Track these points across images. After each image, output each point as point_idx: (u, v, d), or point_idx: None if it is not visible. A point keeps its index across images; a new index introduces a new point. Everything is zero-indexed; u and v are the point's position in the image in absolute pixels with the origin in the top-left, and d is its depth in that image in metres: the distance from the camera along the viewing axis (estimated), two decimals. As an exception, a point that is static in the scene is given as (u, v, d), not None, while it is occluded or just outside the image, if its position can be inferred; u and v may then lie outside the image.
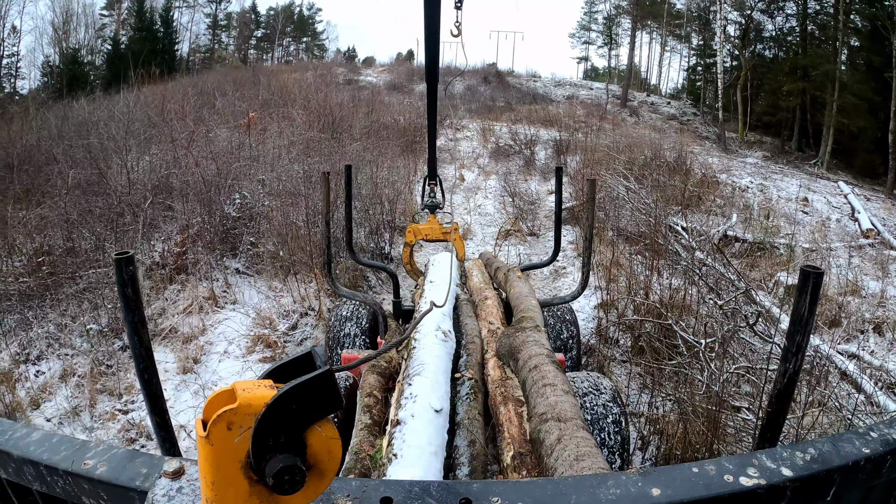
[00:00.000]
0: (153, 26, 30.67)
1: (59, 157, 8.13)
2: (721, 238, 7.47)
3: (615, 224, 7.59)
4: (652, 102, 26.90)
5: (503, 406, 2.03)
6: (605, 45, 36.62)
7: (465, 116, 18.26)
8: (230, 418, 0.70)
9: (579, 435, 1.57)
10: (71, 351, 4.69)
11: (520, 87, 26.74)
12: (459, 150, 13.92)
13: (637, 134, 14.94)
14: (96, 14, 30.35)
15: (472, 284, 3.58)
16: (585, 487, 0.88)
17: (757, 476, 0.88)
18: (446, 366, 2.22)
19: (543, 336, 2.39)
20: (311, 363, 0.81)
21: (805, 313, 1.55)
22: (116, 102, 11.88)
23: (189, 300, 5.41)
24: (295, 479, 0.70)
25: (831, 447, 0.96)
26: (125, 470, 0.93)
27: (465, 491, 0.87)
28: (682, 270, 5.52)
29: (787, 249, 7.26)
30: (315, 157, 8.66)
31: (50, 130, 9.76)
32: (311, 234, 6.08)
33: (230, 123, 11.13)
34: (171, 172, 7.63)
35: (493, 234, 8.25)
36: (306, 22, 41.22)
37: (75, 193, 6.89)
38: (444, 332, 2.45)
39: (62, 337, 4.83)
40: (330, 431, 0.75)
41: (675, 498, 0.85)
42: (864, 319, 5.50)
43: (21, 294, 5.23)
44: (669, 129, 20.37)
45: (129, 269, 1.64)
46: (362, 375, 2.39)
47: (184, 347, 4.83)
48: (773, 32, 23.65)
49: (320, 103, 12.96)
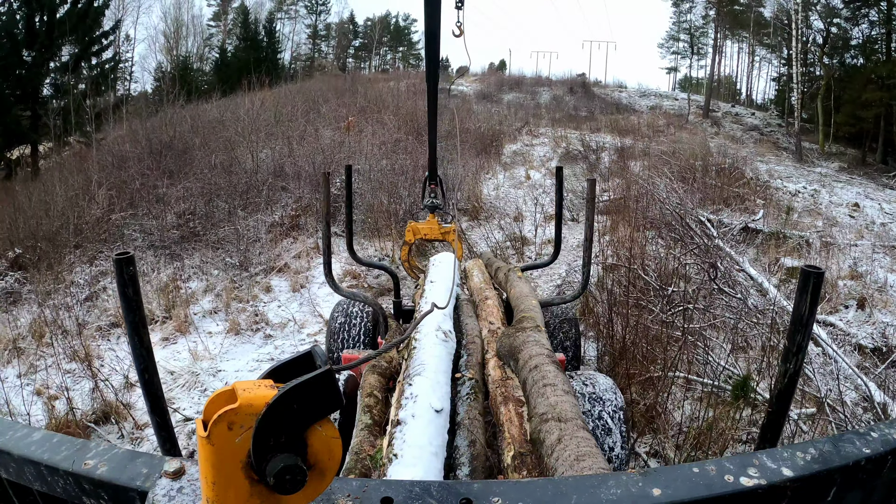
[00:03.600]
0: (257, 36, 32.54)
1: (197, 146, 10.78)
2: (742, 230, 8.12)
3: (644, 213, 8.19)
4: (736, 113, 26.48)
5: (503, 406, 2.03)
6: (688, 55, 35.16)
7: (547, 125, 18.88)
8: (231, 418, 0.70)
9: (580, 435, 1.57)
10: (210, 277, 6.87)
11: (604, 98, 26.92)
12: (533, 154, 14.89)
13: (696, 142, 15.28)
14: (204, 24, 33.17)
15: (473, 284, 3.58)
16: (586, 487, 0.88)
17: (757, 476, 0.88)
18: (447, 366, 2.22)
19: (544, 336, 2.39)
20: (311, 363, 0.81)
21: (805, 313, 1.55)
22: (240, 105, 14.98)
23: (300, 249, 7.63)
24: (296, 479, 0.70)
25: (832, 447, 0.96)
26: (125, 470, 0.93)
27: (466, 491, 0.87)
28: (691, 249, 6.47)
29: (801, 241, 7.91)
30: (401, 155, 10.75)
31: (185, 126, 12.17)
32: (390, 207, 8.28)
33: (332, 125, 13.56)
34: (285, 161, 10.04)
35: (539, 218, 9.38)
36: (402, 32, 42.93)
37: (214, 173, 9.50)
38: (444, 332, 2.44)
39: (203, 267, 7.09)
40: (330, 431, 0.75)
41: (675, 498, 0.85)
42: (847, 295, 6.14)
43: (172, 241, 7.69)
44: (749, 140, 20.42)
45: (129, 270, 1.63)
46: (363, 376, 2.39)
47: (294, 277, 6.91)
48: (858, 41, 22.75)
49: (409, 110, 15.01)
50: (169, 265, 7.08)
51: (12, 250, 7.27)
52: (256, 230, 8.01)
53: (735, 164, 11.75)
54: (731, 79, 34.98)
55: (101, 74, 19.15)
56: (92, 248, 7.47)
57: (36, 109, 16.79)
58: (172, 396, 4.36)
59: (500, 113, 19.63)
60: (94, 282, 6.71)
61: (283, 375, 0.79)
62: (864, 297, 5.98)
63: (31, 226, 7.72)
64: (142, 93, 27.14)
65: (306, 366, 0.81)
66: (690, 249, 6.52)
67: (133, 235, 7.92)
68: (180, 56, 30.29)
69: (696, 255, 6.36)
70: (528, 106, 23.03)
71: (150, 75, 29.57)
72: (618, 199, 9.19)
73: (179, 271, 6.92)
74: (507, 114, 19.88)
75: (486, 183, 11.15)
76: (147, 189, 8.99)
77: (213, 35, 33.66)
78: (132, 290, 1.64)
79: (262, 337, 5.53)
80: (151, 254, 7.37)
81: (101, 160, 10.67)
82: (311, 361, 0.81)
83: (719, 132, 21.54)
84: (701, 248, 6.57)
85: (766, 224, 8.51)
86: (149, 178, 9.38)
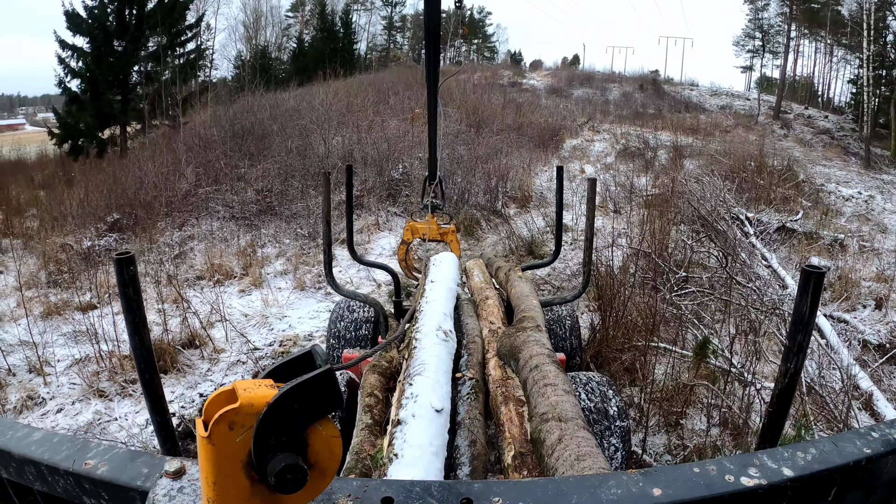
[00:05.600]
0: (334, 27, 33.60)
1: (275, 132, 12.04)
2: (778, 229, 8.32)
3: (681, 208, 8.46)
4: (809, 115, 25.96)
5: (504, 406, 2.03)
6: (759, 54, 34.10)
7: (613, 121, 18.98)
8: (232, 418, 0.70)
9: (580, 435, 1.57)
10: (282, 245, 7.98)
11: (674, 96, 26.83)
12: (591, 149, 15.25)
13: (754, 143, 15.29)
14: (282, 15, 34.02)
15: (473, 284, 3.58)
16: (586, 487, 0.88)
17: (758, 476, 0.88)
18: (447, 366, 2.22)
19: (544, 336, 2.39)
20: (311, 362, 0.81)
21: (806, 313, 1.54)
22: (315, 95, 16.36)
23: (361, 224, 8.58)
24: (297, 478, 0.71)
25: (832, 447, 0.96)
26: (126, 470, 0.93)
27: (466, 491, 0.87)
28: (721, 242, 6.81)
29: (834, 242, 8.08)
30: (461, 146, 11.60)
31: (265, 113, 13.48)
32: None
33: (399, 116, 14.45)
34: (354, 147, 11.13)
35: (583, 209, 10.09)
36: (476, 25, 43.29)
37: (290, 156, 10.65)
38: (444, 331, 2.44)
39: (277, 236, 8.21)
40: (330, 430, 0.75)
41: (676, 498, 0.85)
42: (868, 295, 6.16)
43: (251, 213, 8.88)
44: (817, 143, 20.17)
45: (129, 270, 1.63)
46: (363, 375, 2.39)
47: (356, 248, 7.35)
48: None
49: (473, 104, 16.16)
50: (247, 233, 8.30)
51: (111, 215, 8.69)
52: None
53: (788, 166, 11.86)
54: (809, 80, 33.75)
55: (186, 63, 20.77)
56: (180, 217, 8.78)
57: (126, 94, 18.69)
58: (245, 331, 5.40)
59: (567, 108, 20.10)
60: (182, 243, 7.98)
61: (283, 375, 0.79)
62: (881, 298, 6.02)
63: (129, 195, 9.15)
64: (221, 79, 28.97)
65: (306, 365, 0.81)
66: (713, 241, 6.84)
67: (216, 208, 9.12)
68: (259, 45, 31.33)
69: (717, 246, 6.65)
70: (596, 102, 23.17)
71: (229, 63, 31.10)
72: (660, 194, 9.48)
73: (256, 238, 8.10)
74: (574, 109, 20.17)
75: (541, 175, 11.61)
76: (230, 168, 10.33)
77: (291, 25, 34.52)
78: (132, 289, 1.64)
79: (323, 294, 6.41)
80: (233, 224, 8.64)
81: (188, 141, 12.15)
82: (311, 361, 0.81)
83: (788, 134, 21.20)
84: (727, 241, 6.77)
85: (802, 224, 8.60)
86: (231, 158, 10.72)
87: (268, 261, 7.44)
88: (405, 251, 4.55)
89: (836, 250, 7.76)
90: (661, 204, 8.61)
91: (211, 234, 8.27)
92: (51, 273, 6.93)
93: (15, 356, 4.86)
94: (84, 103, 18.11)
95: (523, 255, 7.41)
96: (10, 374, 4.60)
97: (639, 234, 7.25)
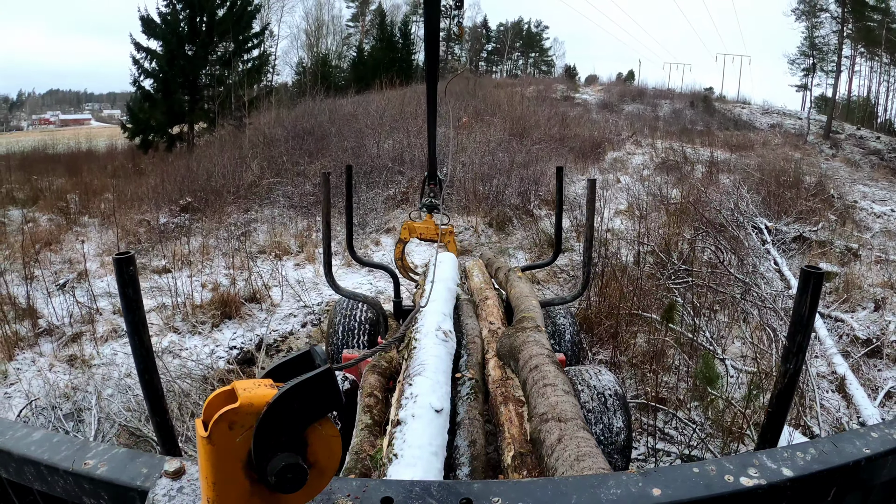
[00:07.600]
0: (393, 37, 34.62)
1: (333, 134, 13.49)
2: (795, 238, 8.53)
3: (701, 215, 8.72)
4: (861, 136, 25.56)
5: (504, 406, 2.03)
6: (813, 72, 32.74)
7: (661, 136, 19.21)
8: (232, 418, 0.70)
9: (580, 435, 1.57)
10: (334, 231, 8.00)
11: (725, 113, 26.79)
12: (631, 161, 15.66)
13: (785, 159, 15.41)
14: (343, 24, 35.70)
15: (473, 284, 3.57)
16: (586, 487, 0.88)
17: (757, 476, 0.88)
18: (447, 366, 2.22)
19: (544, 336, 2.39)
20: (311, 362, 0.81)
21: (806, 313, 1.54)
22: (371, 102, 17.69)
23: (405, 217, 9.04)
24: (297, 478, 0.71)
25: (832, 447, 0.96)
26: (126, 470, 0.93)
27: (466, 491, 0.87)
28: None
29: (846, 250, 8.21)
30: (501, 154, 12.39)
31: (324, 117, 15.00)
32: (478, 189, 10.17)
33: (447, 124, 15.06)
34: (404, 150, 12.19)
35: (610, 213, 10.36)
36: (534, 38, 44.20)
37: (345, 155, 11.71)
38: (444, 332, 2.44)
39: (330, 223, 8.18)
40: (330, 430, 0.75)
41: (675, 498, 0.85)
42: (869, 297, 6.30)
43: (308, 203, 10.09)
44: (865, 164, 19.99)
45: (129, 270, 1.63)
46: (363, 376, 2.39)
47: (394, 233, 8.39)
48: None
49: (520, 114, 17.17)
50: (304, 220, 9.53)
51: (183, 199, 10.12)
52: (374, 201, 10.25)
53: (819, 182, 12.06)
54: (866, 100, 33.04)
55: (252, 69, 22.77)
56: (246, 203, 10.11)
57: (194, 95, 20.65)
58: (300, 294, 6.43)
59: (615, 123, 20.79)
60: (247, 224, 9.25)
61: (282, 375, 0.79)
62: (881, 301, 6.12)
63: (200, 182, 10.68)
64: (282, 84, 30.50)
65: (306, 365, 0.81)
66: (717, 240, 7.22)
67: (277, 197, 10.45)
68: (320, 53, 32.73)
69: (721, 246, 7.05)
70: (646, 117, 23.43)
71: (291, 69, 32.50)
72: (684, 202, 9.86)
73: (312, 224, 9.20)
74: (623, 124, 20.78)
75: (578, 183, 12.05)
76: (291, 164, 11.74)
77: (352, 35, 36.00)
78: (132, 289, 1.64)
79: (366, 272, 7.23)
80: (292, 211, 9.95)
81: (252, 139, 13.90)
82: (311, 361, 0.81)
83: (836, 154, 21.02)
84: (739, 244, 7.20)
85: (817, 234, 8.74)
86: (292, 155, 12.13)
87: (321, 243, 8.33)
88: (402, 250, 4.53)
89: (847, 258, 7.87)
90: (682, 212, 8.97)
91: (272, 219, 9.59)
92: (129, 244, 8.22)
93: (101, 301, 6.03)
94: (155, 101, 19.94)
95: (544, 248, 8.07)
96: (98, 314, 5.77)
97: (655, 236, 7.75)
